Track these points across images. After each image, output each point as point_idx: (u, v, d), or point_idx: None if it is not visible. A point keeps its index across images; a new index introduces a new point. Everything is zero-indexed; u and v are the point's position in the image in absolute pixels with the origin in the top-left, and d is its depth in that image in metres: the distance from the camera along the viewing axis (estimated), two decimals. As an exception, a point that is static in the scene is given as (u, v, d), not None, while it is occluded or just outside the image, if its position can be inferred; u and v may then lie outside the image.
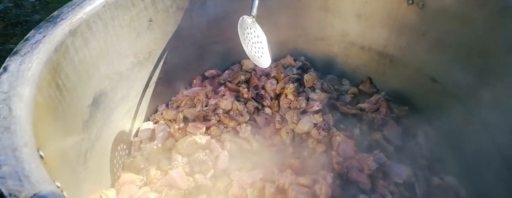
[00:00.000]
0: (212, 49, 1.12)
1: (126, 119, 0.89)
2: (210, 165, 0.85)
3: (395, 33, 0.95)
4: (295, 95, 1.06)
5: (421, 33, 0.88)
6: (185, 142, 0.89)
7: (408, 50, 0.93)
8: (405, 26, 0.91)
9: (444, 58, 0.83)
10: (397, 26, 0.94)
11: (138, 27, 0.81)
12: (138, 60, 0.86)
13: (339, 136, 0.90)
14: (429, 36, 0.86)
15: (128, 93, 0.86)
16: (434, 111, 0.89)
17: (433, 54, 0.86)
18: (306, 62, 1.21)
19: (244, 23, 0.83)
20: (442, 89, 0.86)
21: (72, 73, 0.60)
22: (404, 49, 0.94)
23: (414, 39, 0.91)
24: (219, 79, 1.15)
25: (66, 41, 0.57)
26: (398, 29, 0.94)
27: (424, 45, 0.88)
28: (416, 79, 0.92)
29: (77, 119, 0.62)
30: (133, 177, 0.82)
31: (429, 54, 0.86)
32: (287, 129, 0.98)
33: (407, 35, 0.92)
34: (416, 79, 0.92)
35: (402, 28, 0.93)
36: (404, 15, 0.90)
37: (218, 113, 1.00)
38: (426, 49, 0.87)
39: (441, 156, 0.85)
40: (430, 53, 0.86)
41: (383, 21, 0.96)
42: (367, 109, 1.00)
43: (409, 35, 0.92)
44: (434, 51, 0.85)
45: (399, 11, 0.91)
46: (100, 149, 0.73)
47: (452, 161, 0.83)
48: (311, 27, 1.13)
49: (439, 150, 0.86)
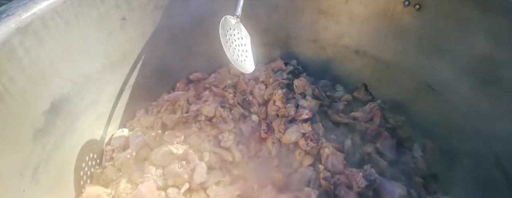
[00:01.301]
0: (197, 51, 1.05)
1: (96, 126, 0.82)
2: (185, 178, 0.78)
3: (391, 37, 0.88)
4: (284, 102, 0.98)
5: (418, 37, 0.81)
6: (160, 152, 0.82)
7: (405, 55, 0.86)
8: (401, 30, 0.84)
9: (443, 65, 0.76)
10: (393, 30, 0.87)
11: (109, 26, 0.74)
12: (110, 61, 0.79)
13: (328, 148, 0.83)
14: (426, 41, 0.79)
15: (98, 98, 0.79)
16: (433, 122, 0.81)
17: (431, 60, 0.78)
18: (298, 66, 1.14)
19: (226, 24, 0.76)
20: (440, 99, 0.79)
21: (19, 76, 0.53)
22: (401, 54, 0.87)
23: (411, 43, 0.84)
24: (204, 83, 1.08)
25: (11, 40, 0.50)
26: (395, 33, 0.86)
27: (421, 50, 0.81)
28: (413, 87, 0.84)
29: (25, 129, 0.54)
30: (99, 191, 0.74)
31: (427, 60, 0.79)
32: (274, 138, 0.90)
33: (404, 39, 0.85)
34: (413, 87, 0.84)
35: (398, 32, 0.85)
36: (400, 17, 0.83)
37: (200, 120, 0.93)
38: (423, 54, 0.80)
39: (438, 172, 0.78)
40: (428, 58, 0.79)
41: (379, 24, 0.89)
42: (361, 118, 0.92)
43: (406, 39, 0.84)
44: (432, 57, 0.77)
45: (395, 13, 0.84)
46: (60, 160, 0.66)
47: (450, 178, 0.75)
48: (303, 29, 1.06)
49: (437, 166, 0.78)
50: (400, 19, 0.84)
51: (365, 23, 0.92)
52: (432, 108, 0.81)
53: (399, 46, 0.86)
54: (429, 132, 0.83)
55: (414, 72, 0.83)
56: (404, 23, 0.83)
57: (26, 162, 0.54)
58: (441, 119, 0.79)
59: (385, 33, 0.89)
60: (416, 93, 0.84)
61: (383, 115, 0.89)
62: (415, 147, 0.81)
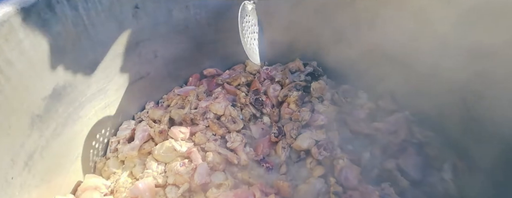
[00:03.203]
0: (213, 45, 1.01)
1: (103, 116, 0.80)
2: (186, 178, 0.73)
3: (429, 41, 0.77)
4: (299, 106, 0.92)
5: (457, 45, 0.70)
6: (163, 148, 0.79)
7: (444, 65, 0.74)
8: (437, 31, 0.74)
9: (484, 79, 0.64)
10: (432, 33, 0.76)
11: (120, 14, 0.71)
12: (120, 50, 0.77)
13: (343, 159, 0.75)
14: (475, 49, 0.67)
15: (106, 87, 0.77)
16: (468, 142, 0.70)
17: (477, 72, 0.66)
18: (318, 68, 1.06)
19: (244, 11, 0.73)
20: (480, 117, 0.67)
21: (18, 59, 0.51)
22: (439, 62, 0.76)
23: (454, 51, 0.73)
24: (217, 79, 1.03)
25: (11, 21, 0.48)
26: (433, 37, 0.76)
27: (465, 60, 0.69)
28: (449, 101, 0.73)
29: (21, 113, 0.53)
30: (98, 183, 0.72)
31: (471, 72, 0.67)
32: (284, 143, 0.84)
33: (444, 46, 0.74)
34: (449, 101, 0.73)
35: (438, 36, 0.75)
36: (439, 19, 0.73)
37: (208, 117, 0.89)
38: (467, 65, 0.68)
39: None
40: (472, 70, 0.67)
41: (415, 26, 0.79)
42: (383, 129, 0.83)
43: (447, 46, 0.73)
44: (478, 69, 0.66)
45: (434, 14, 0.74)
46: (59, 148, 0.64)
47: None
48: (328, 28, 0.98)
49: (470, 192, 0.67)
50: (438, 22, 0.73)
51: (396, 25, 0.82)
52: (470, 126, 0.70)
53: (437, 53, 0.75)
54: (463, 152, 0.72)
55: (452, 85, 0.72)
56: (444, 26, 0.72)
57: (18, 148, 0.52)
58: (479, 139, 0.68)
59: (422, 37, 0.78)
60: (452, 109, 0.73)
61: (409, 128, 0.79)
62: (445, 168, 0.70)
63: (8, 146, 0.49)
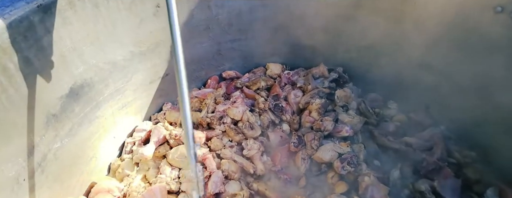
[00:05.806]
0: (233, 47, 0.98)
1: (119, 116, 0.79)
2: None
3: (471, 51, 0.69)
4: (321, 114, 0.86)
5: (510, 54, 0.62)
6: (178, 152, 0.76)
7: (489, 76, 0.67)
8: (487, 43, 0.66)
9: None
10: (475, 42, 0.68)
11: (142, 13, 0.70)
12: (139, 50, 0.75)
13: (369, 177, 0.69)
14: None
15: (124, 87, 0.76)
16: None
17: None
18: (344, 74, 1.00)
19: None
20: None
21: (36, 57, 0.49)
22: (483, 73, 0.68)
23: (500, 61, 0.65)
24: (236, 83, 1.00)
25: (31, 17, 0.47)
26: (476, 47, 0.68)
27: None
28: (495, 118, 0.65)
29: (37, 112, 0.51)
30: (111, 185, 0.71)
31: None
32: (304, 154, 0.79)
33: (490, 56, 0.66)
34: (495, 118, 0.65)
35: (482, 45, 0.67)
36: (487, 27, 0.65)
37: (225, 122, 0.85)
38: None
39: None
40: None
41: (456, 34, 0.71)
42: (416, 145, 0.76)
43: (493, 56, 0.65)
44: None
45: (481, 22, 0.66)
46: (74, 148, 0.63)
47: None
48: (357, 32, 0.91)
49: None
50: (487, 30, 0.66)
51: (437, 31, 0.75)
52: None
53: (481, 64, 0.67)
54: (509, 177, 0.63)
55: (499, 101, 0.63)
56: (493, 35, 0.65)
57: (31, 148, 0.51)
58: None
59: (463, 46, 0.70)
60: (497, 127, 0.65)
61: (446, 146, 0.71)
62: (488, 194, 0.62)
63: (22, 146, 0.48)
